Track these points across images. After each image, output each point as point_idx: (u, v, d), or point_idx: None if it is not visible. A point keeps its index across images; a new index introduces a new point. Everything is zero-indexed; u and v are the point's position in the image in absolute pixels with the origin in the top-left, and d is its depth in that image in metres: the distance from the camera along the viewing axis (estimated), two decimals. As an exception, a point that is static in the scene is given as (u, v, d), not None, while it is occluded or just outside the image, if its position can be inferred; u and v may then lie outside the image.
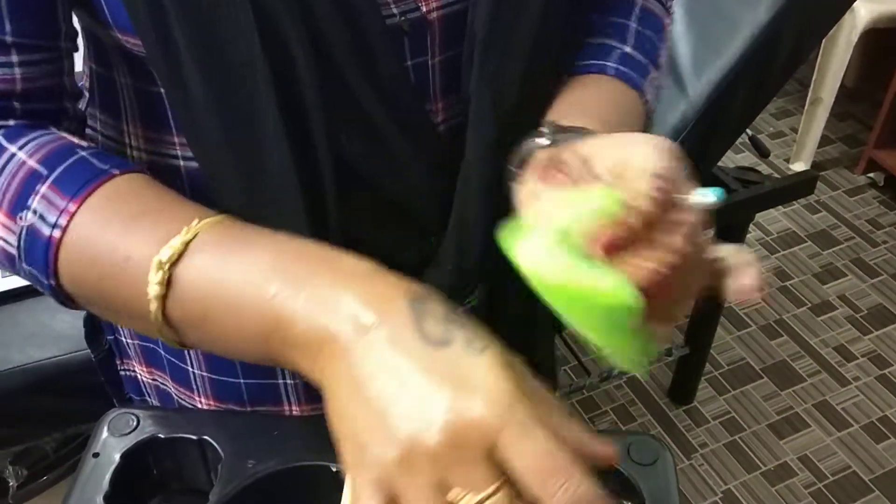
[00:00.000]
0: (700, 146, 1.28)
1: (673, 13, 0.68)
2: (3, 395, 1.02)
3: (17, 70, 0.48)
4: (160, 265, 0.43)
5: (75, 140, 0.49)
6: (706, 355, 1.87)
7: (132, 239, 0.45)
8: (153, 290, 0.43)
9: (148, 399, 0.72)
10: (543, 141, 0.48)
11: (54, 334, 1.05)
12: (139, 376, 0.70)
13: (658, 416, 1.90)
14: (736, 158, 2.55)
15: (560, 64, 0.60)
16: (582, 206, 0.42)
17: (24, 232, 0.46)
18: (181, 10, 0.45)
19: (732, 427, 1.88)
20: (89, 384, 0.77)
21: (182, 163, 0.56)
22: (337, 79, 0.49)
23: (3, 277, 1.11)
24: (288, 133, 0.49)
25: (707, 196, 0.43)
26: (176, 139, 0.55)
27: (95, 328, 0.71)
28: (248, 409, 0.66)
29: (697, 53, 1.25)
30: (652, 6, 0.64)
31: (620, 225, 0.40)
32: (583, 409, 1.90)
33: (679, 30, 1.28)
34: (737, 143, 2.59)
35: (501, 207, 0.56)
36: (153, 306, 0.44)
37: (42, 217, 0.46)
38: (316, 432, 0.61)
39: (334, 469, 0.55)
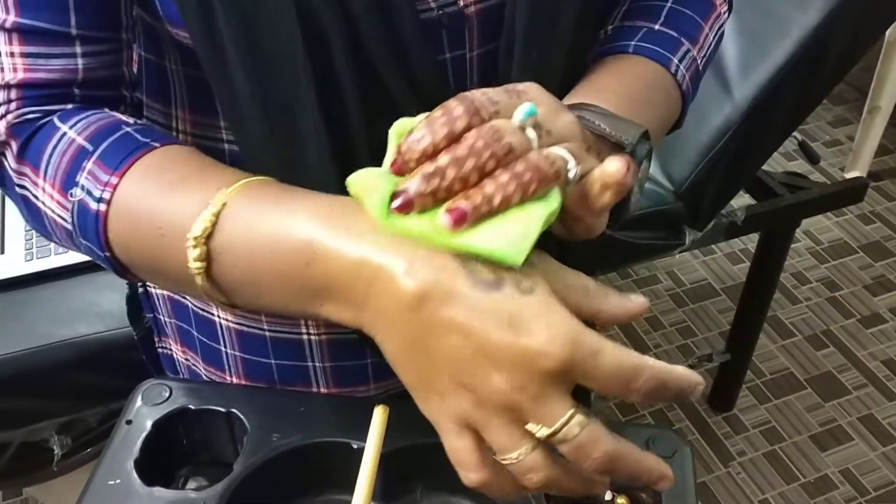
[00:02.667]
0: (743, 149, 1.26)
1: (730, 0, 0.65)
2: (51, 367, 1.06)
3: (79, 61, 0.50)
4: (196, 241, 0.44)
5: (123, 118, 0.51)
6: (748, 363, 1.84)
7: (167, 211, 0.46)
8: (193, 265, 0.45)
9: (182, 377, 0.74)
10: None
11: (101, 311, 1.08)
12: (174, 354, 0.73)
13: (696, 422, 1.88)
14: (789, 166, 2.51)
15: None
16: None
17: (75, 208, 0.48)
18: (227, 6, 0.47)
19: (772, 437, 1.85)
20: (132, 361, 0.80)
21: (227, 146, 0.58)
22: (374, 73, 0.50)
23: (55, 255, 1.16)
24: (327, 125, 0.50)
25: (520, 109, 0.40)
26: (222, 123, 0.57)
27: (138, 307, 0.73)
28: (278, 388, 0.68)
29: (745, 55, 1.24)
30: None
31: (394, 150, 0.40)
32: (620, 412, 1.89)
33: (727, 31, 1.27)
34: (789, 149, 2.55)
35: None
36: (198, 280, 0.45)
37: (89, 192, 0.48)
38: (340, 411, 0.62)
39: (355, 446, 0.57)
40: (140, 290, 0.71)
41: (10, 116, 0.50)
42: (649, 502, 0.57)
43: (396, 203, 0.38)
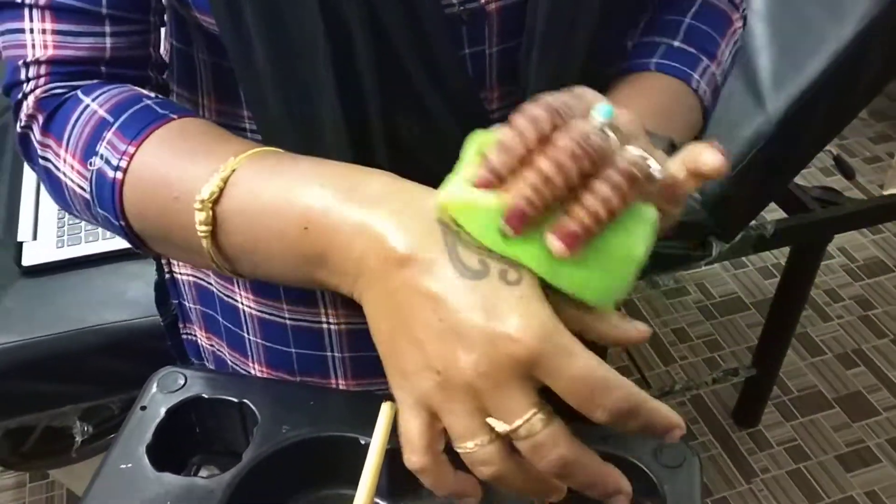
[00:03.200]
0: (774, 162, 1.25)
1: (745, 13, 0.66)
2: (77, 352, 1.08)
3: (108, 40, 0.52)
4: (203, 204, 0.45)
5: (144, 91, 0.53)
6: (774, 378, 1.81)
7: (180, 178, 0.47)
8: (200, 229, 0.46)
9: (206, 364, 0.75)
10: None
11: (127, 300, 1.10)
12: (199, 341, 0.74)
13: (720, 437, 1.86)
14: (826, 181, 2.47)
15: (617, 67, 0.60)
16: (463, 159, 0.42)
17: (93, 177, 0.50)
18: None
19: (797, 455, 1.82)
20: (156, 350, 0.82)
21: (249, 135, 0.59)
22: (394, 64, 0.51)
23: (85, 242, 1.18)
24: (345, 112, 0.51)
25: (597, 111, 0.40)
26: (245, 112, 0.58)
27: (165, 293, 0.75)
28: (298, 378, 0.69)
29: (778, 67, 1.22)
30: (716, 1, 0.63)
31: (483, 163, 0.39)
32: (642, 423, 1.88)
33: (760, 43, 1.26)
34: (827, 164, 2.51)
35: None
36: (204, 243, 0.47)
37: (107, 161, 0.49)
38: (352, 406, 0.63)
39: (363, 442, 0.57)
40: (167, 276, 0.72)
41: (38, 91, 0.52)
42: (653, 511, 0.56)
43: (511, 218, 0.38)
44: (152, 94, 0.53)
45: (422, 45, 0.51)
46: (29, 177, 1.32)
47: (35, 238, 1.19)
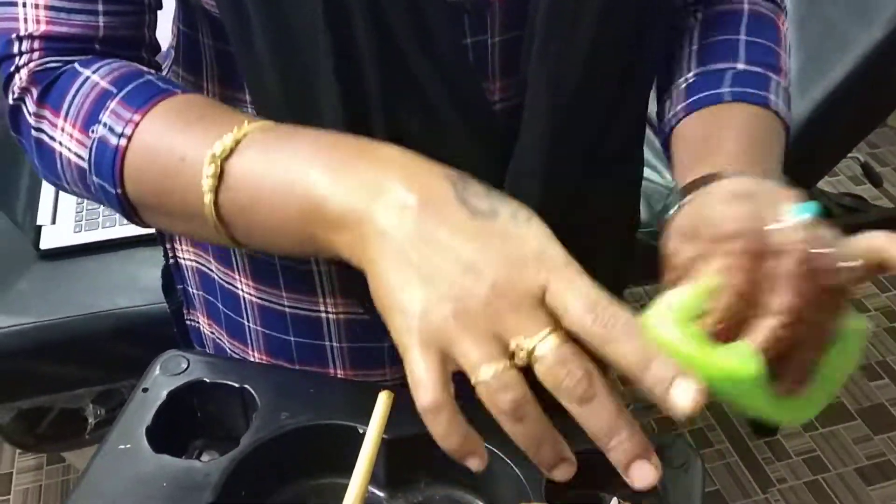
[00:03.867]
0: (796, 166, 1.22)
1: (786, 7, 0.65)
2: (90, 336, 1.09)
3: (101, 18, 0.53)
4: (213, 158, 0.46)
5: (144, 68, 0.53)
6: (794, 387, 1.79)
7: (188, 141, 0.48)
8: (206, 182, 0.46)
9: (207, 351, 0.76)
10: (671, 210, 0.50)
11: (140, 286, 1.12)
12: (202, 328, 0.75)
13: (737, 445, 1.84)
14: (856, 190, 2.43)
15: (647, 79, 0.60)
16: (681, 299, 0.43)
17: (94, 144, 0.50)
18: None
19: (816, 466, 1.79)
20: (167, 336, 0.82)
21: None
22: (395, 52, 0.51)
23: (102, 228, 1.20)
24: (344, 100, 0.51)
25: (801, 216, 0.41)
26: (248, 98, 0.58)
27: (171, 279, 0.75)
28: (297, 367, 0.69)
29: (804, 71, 1.20)
30: (761, 8, 0.62)
31: (720, 313, 0.41)
32: (658, 428, 1.86)
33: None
34: (857, 174, 2.47)
35: (551, 192, 0.56)
36: (207, 198, 0.46)
37: (111, 129, 0.49)
38: (351, 395, 0.63)
39: (361, 431, 0.57)
40: (171, 261, 0.73)
41: (32, 65, 0.53)
42: (653, 511, 0.56)
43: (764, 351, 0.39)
44: (152, 71, 0.53)
45: (423, 32, 0.50)
46: (51, 162, 1.33)
47: (54, 222, 1.21)
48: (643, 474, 0.39)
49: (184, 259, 0.72)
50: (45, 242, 1.18)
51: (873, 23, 1.12)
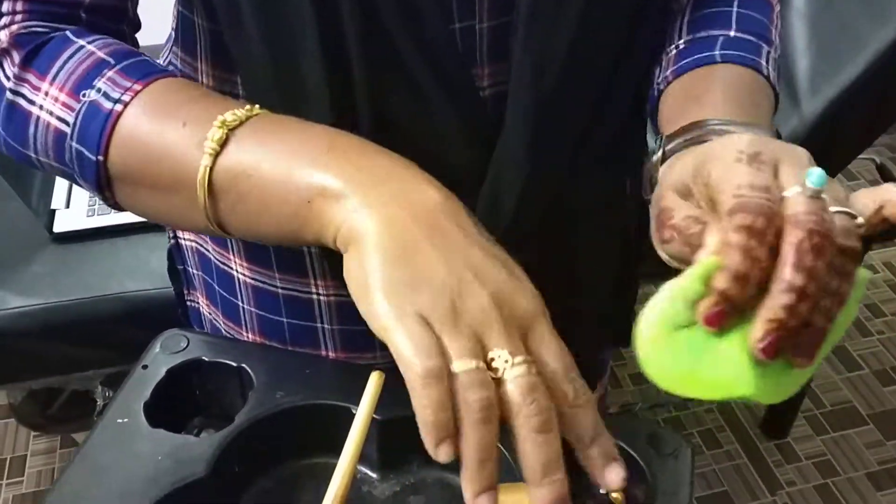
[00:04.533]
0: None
1: None
2: (100, 318, 1.11)
3: None
4: (223, 124, 0.46)
5: (138, 51, 0.54)
6: (805, 389, 1.77)
7: (191, 111, 0.48)
8: (209, 145, 0.46)
9: (205, 331, 0.77)
10: (654, 157, 0.50)
11: (149, 270, 1.13)
12: (200, 308, 0.75)
13: (746, 447, 1.83)
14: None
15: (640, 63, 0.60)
16: (680, 285, 0.41)
17: (84, 107, 0.49)
18: None
19: (826, 470, 1.78)
20: (174, 319, 0.83)
21: (242, 99, 0.59)
22: (382, 36, 0.51)
23: (115, 212, 1.21)
24: (330, 82, 0.52)
25: (809, 180, 0.39)
26: (239, 78, 0.59)
27: (174, 260, 0.76)
28: (289, 348, 0.70)
29: (816, 69, 1.20)
30: None
31: (715, 297, 0.39)
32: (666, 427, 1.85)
33: (800, 44, 1.23)
34: (877, 177, 2.44)
35: (535, 183, 0.56)
36: (205, 161, 0.46)
37: (105, 94, 0.49)
38: (346, 377, 0.63)
39: (354, 411, 0.58)
40: (172, 241, 0.74)
41: (14, 27, 0.52)
42: (642, 497, 0.56)
43: (767, 349, 0.38)
44: (147, 56, 0.53)
45: (410, 16, 0.51)
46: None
47: (68, 206, 1.23)
48: None
49: (184, 239, 0.73)
50: (59, 226, 1.20)
51: (888, 21, 1.11)
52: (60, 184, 1.27)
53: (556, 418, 0.40)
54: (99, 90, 0.49)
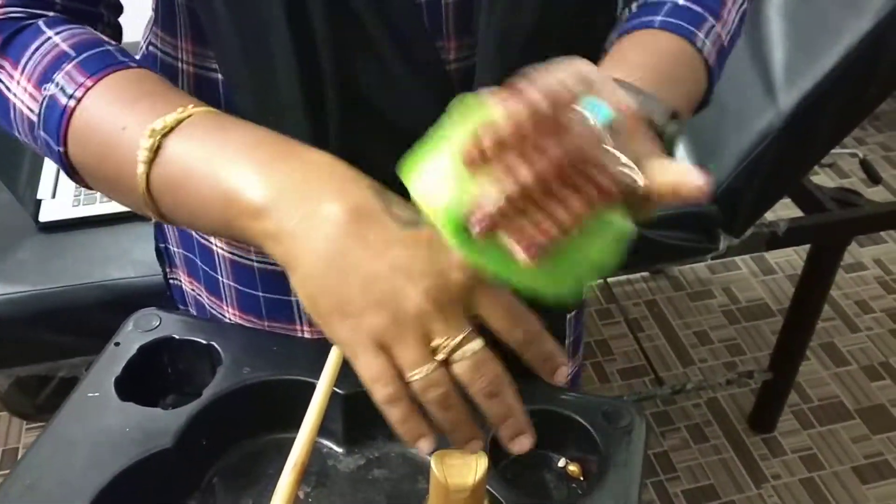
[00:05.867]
0: (785, 156, 1.23)
1: None
2: (84, 305, 1.12)
3: None
4: (153, 132, 0.48)
5: (105, 38, 0.55)
6: (791, 383, 1.78)
7: (132, 113, 0.50)
8: (142, 154, 0.48)
9: (189, 309, 0.78)
10: None
11: (133, 259, 1.14)
12: (183, 286, 0.77)
13: (733, 441, 1.84)
14: (869, 193, 2.42)
15: (601, 31, 0.61)
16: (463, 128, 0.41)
17: (45, 101, 0.52)
18: None
19: (812, 464, 1.79)
20: (157, 306, 0.84)
21: (220, 76, 0.61)
22: (348, 12, 0.52)
23: (99, 203, 1.23)
24: (297, 52, 0.53)
25: (594, 112, 0.40)
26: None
27: (159, 240, 0.78)
28: (266, 324, 0.71)
29: (792, 60, 1.21)
30: None
31: (478, 140, 0.39)
32: (655, 423, 1.86)
33: (776, 36, 1.24)
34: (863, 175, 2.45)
35: None
36: (140, 169, 0.49)
37: (63, 89, 0.51)
38: (313, 355, 0.64)
39: (317, 386, 0.59)
40: (154, 220, 0.75)
41: None
42: (594, 471, 0.57)
43: (477, 225, 0.39)
44: (113, 43, 0.55)
45: None
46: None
47: (54, 196, 1.24)
48: (521, 445, 0.47)
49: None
50: (45, 215, 1.22)
51: (862, 13, 1.13)
52: (47, 174, 1.29)
53: (504, 379, 0.45)
54: (57, 84, 0.52)
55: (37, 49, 0.53)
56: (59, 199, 1.24)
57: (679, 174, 0.41)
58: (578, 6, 0.58)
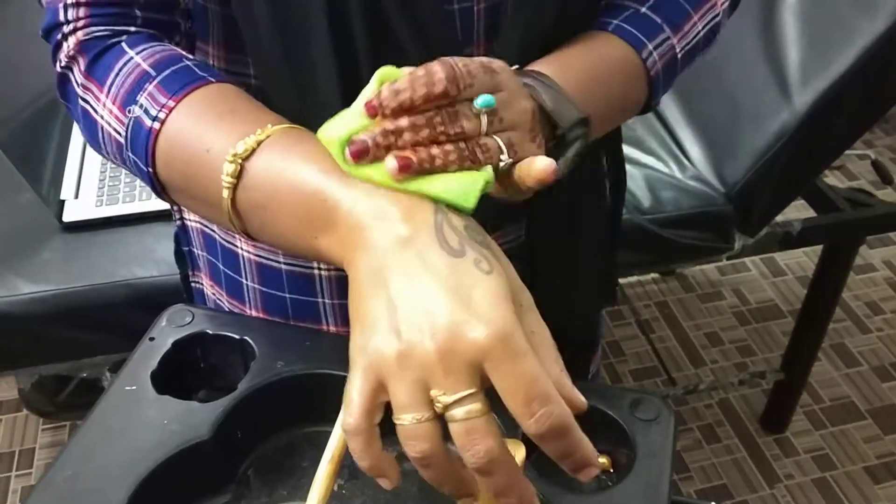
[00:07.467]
0: (799, 156, 1.24)
1: None
2: (108, 304, 1.14)
3: None
4: (234, 157, 0.49)
5: (184, 53, 0.57)
6: (803, 384, 1.79)
7: (216, 133, 0.51)
8: (226, 180, 0.49)
9: (211, 311, 0.79)
10: None
11: (156, 257, 1.16)
12: (204, 289, 0.78)
13: (745, 441, 1.85)
14: (881, 194, 2.42)
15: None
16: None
17: (131, 123, 0.53)
18: None
19: (824, 464, 1.80)
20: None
21: (253, 81, 0.62)
22: (381, 15, 0.54)
23: (122, 203, 1.24)
24: (337, 57, 0.55)
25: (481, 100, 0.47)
26: (250, 59, 0.62)
27: (181, 242, 0.79)
28: (292, 324, 0.72)
29: (807, 61, 1.22)
30: None
31: (378, 94, 0.45)
32: (667, 423, 1.87)
33: (790, 36, 1.25)
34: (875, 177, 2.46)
35: None
36: (225, 193, 0.50)
37: (146, 111, 0.53)
38: (344, 349, 0.65)
39: (351, 380, 0.60)
40: (178, 223, 0.76)
41: (79, 34, 0.56)
42: (624, 462, 0.58)
43: (351, 148, 0.45)
44: (191, 57, 0.56)
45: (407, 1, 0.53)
46: (76, 139, 1.39)
47: (77, 197, 1.26)
48: None
49: (190, 221, 0.75)
50: (68, 215, 1.23)
51: (878, 14, 1.13)
52: (70, 175, 1.30)
53: (501, 452, 0.40)
54: (141, 106, 0.53)
55: (120, 70, 0.54)
56: (82, 199, 1.25)
57: (529, 162, 0.47)
58: (591, 3, 0.60)
